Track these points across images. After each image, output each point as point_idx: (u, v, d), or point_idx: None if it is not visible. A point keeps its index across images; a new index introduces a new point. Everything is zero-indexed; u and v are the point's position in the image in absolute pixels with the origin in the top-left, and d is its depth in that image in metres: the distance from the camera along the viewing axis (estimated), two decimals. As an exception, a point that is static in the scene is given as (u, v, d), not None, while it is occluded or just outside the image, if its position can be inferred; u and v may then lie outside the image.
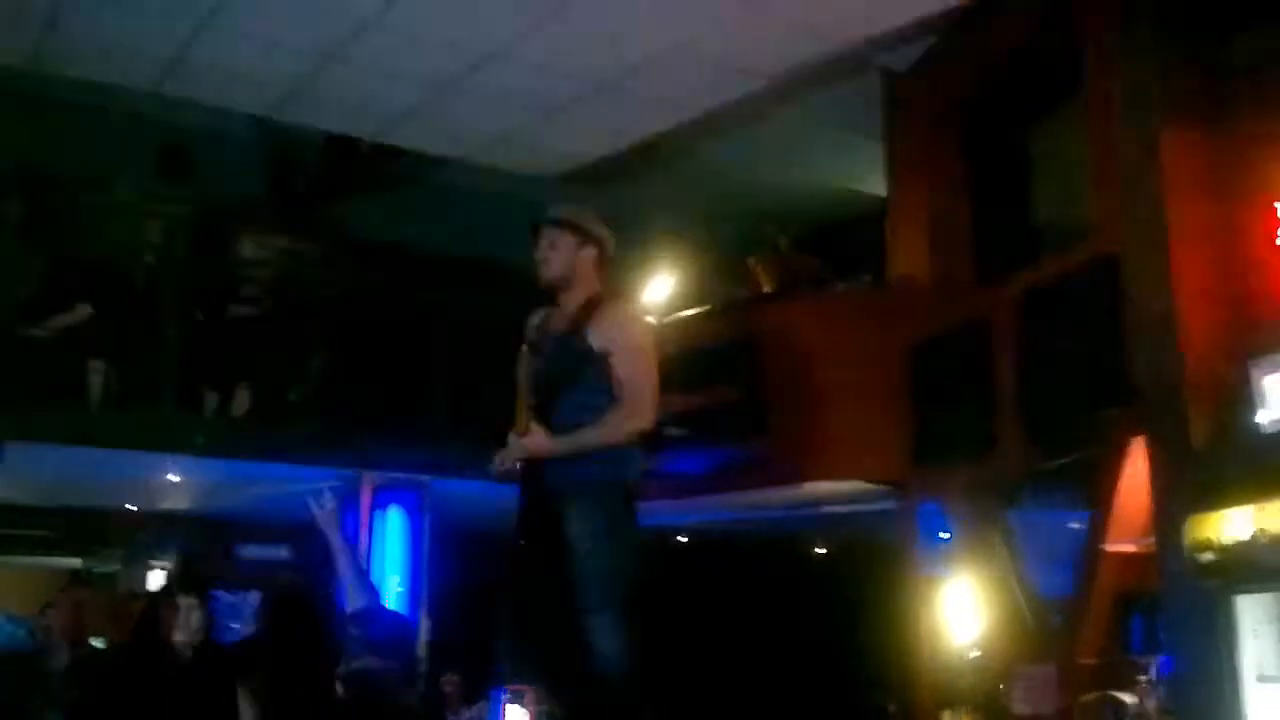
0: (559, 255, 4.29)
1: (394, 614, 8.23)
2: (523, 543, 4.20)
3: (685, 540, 11.27)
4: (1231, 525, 5.10)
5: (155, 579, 11.26)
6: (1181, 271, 5.53)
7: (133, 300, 8.55)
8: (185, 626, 4.85)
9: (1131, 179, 5.87)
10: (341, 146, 8.95)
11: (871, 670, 8.64)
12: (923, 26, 6.88)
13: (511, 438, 4.14)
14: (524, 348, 4.42)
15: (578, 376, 4.13)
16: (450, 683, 9.48)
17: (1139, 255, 5.74)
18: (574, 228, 4.32)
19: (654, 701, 4.13)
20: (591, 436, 4.05)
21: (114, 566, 11.42)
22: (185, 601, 4.93)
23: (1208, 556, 5.19)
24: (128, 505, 10.92)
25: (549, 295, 4.44)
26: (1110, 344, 5.80)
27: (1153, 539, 5.66)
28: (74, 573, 11.48)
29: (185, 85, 7.42)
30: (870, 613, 8.41)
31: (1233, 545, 5.10)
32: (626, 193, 8.49)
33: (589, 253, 4.33)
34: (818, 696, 10.54)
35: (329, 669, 4.45)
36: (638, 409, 4.09)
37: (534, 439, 4.07)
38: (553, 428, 4.07)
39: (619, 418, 4.07)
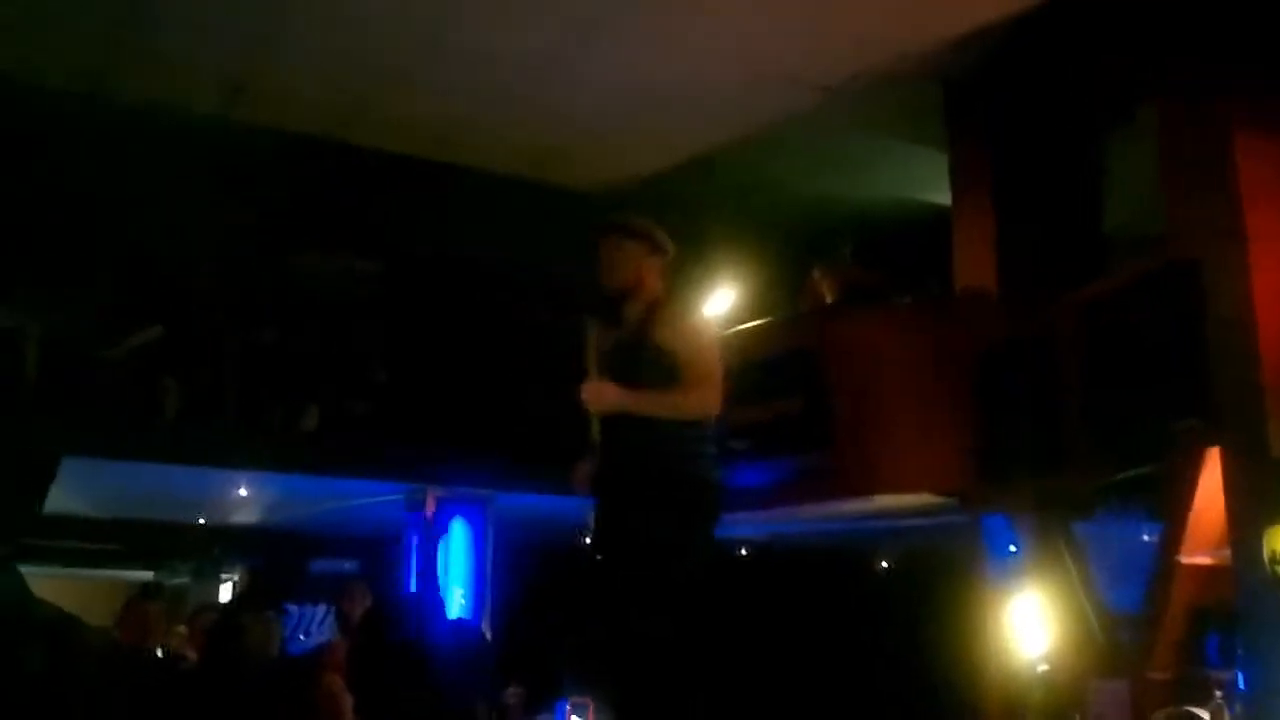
0: (626, 261, 4.31)
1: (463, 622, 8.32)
2: (598, 556, 4.20)
3: (747, 553, 11.22)
4: (1310, 537, 5.01)
5: (225, 592, 11.43)
6: (1259, 276, 5.45)
7: (201, 318, 8.70)
8: (266, 639, 4.91)
9: (1206, 184, 5.79)
10: (399, 163, 9.04)
11: (939, 686, 8.54)
12: (982, 35, 6.82)
13: (583, 389, 4.12)
14: (589, 355, 4.42)
15: (645, 378, 4.12)
16: (514, 695, 9.52)
17: (1215, 261, 5.66)
18: (640, 234, 4.35)
19: (715, 714, 4.11)
20: (656, 397, 4.02)
21: (184, 579, 11.60)
22: (265, 615, 5.00)
23: (1286, 568, 5.10)
24: (198, 519, 11.09)
25: (609, 305, 4.45)
26: (1185, 352, 5.72)
27: (1228, 550, 5.56)
28: (144, 585, 11.68)
29: (247, 110, 7.55)
30: (937, 627, 8.32)
31: (1312, 557, 5.00)
32: (685, 206, 8.50)
33: (654, 260, 4.35)
34: (884, 712, 10.44)
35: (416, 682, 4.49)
36: (704, 389, 4.07)
37: (604, 388, 4.08)
38: (622, 433, 4.07)
39: (682, 391, 4.05)
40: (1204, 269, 5.73)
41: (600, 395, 4.08)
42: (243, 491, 9.83)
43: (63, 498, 9.73)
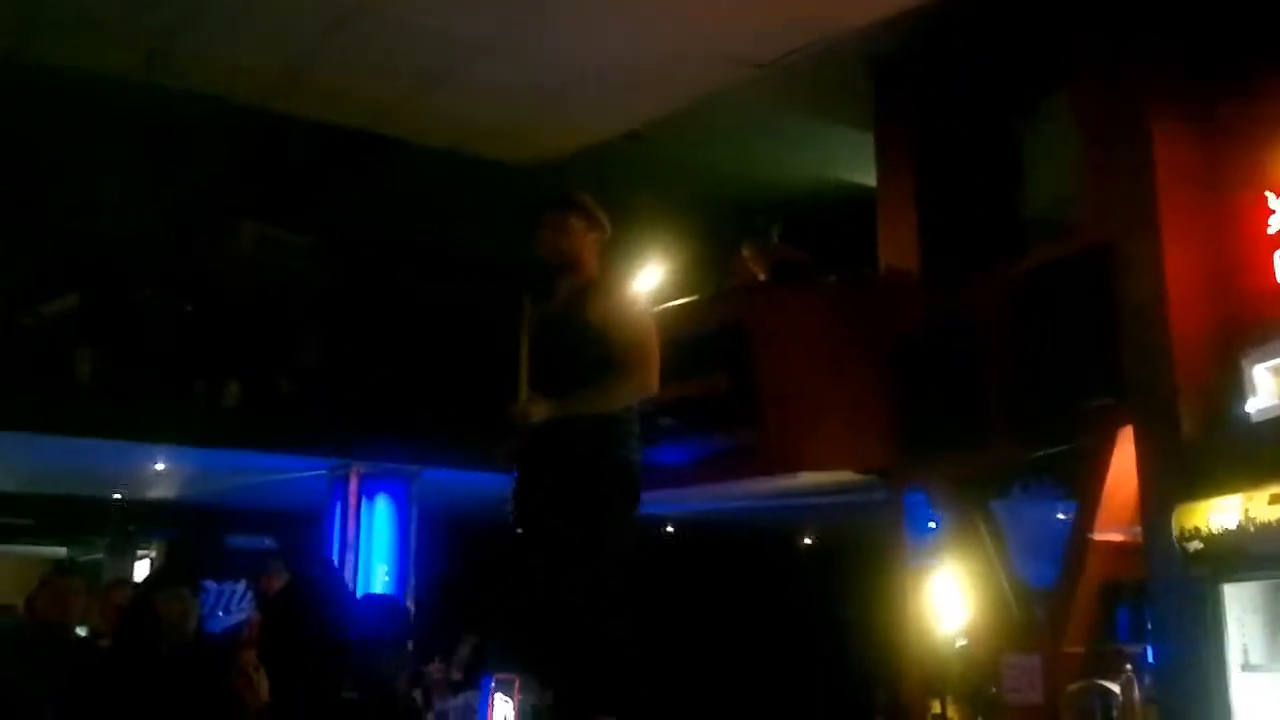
0: (567, 237, 4.29)
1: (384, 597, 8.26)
2: (520, 530, 4.18)
3: (672, 530, 11.28)
4: (1220, 514, 5.16)
5: (141, 568, 11.24)
6: (1172, 262, 5.57)
7: (121, 289, 8.51)
8: (183, 617, 4.82)
9: (1123, 170, 5.90)
10: (331, 138, 8.92)
11: (859, 660, 8.68)
12: (910, 17, 6.88)
13: (511, 409, 4.11)
14: (524, 333, 4.40)
15: (579, 352, 4.11)
16: (437, 670, 9.50)
17: (1130, 246, 5.78)
18: (583, 211, 4.34)
19: (643, 689, 4.13)
20: (594, 398, 4.02)
21: (99, 555, 11.39)
22: (181, 591, 4.91)
23: (1195, 545, 5.25)
24: (114, 494, 10.88)
25: (545, 281, 4.43)
26: (1100, 334, 5.84)
27: (1140, 528, 5.71)
28: (58, 561, 11.45)
29: (171, 75, 7.38)
30: (857, 603, 8.44)
31: (1220, 534, 5.15)
32: (616, 182, 8.49)
33: (594, 236, 4.34)
34: (805, 686, 10.58)
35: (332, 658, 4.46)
36: (637, 373, 4.06)
37: (533, 405, 4.06)
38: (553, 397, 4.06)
39: (617, 379, 4.04)
40: (1119, 252, 5.85)
41: (531, 412, 4.05)
42: (160, 466, 9.66)
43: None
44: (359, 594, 8.87)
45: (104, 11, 6.61)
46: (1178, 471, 5.43)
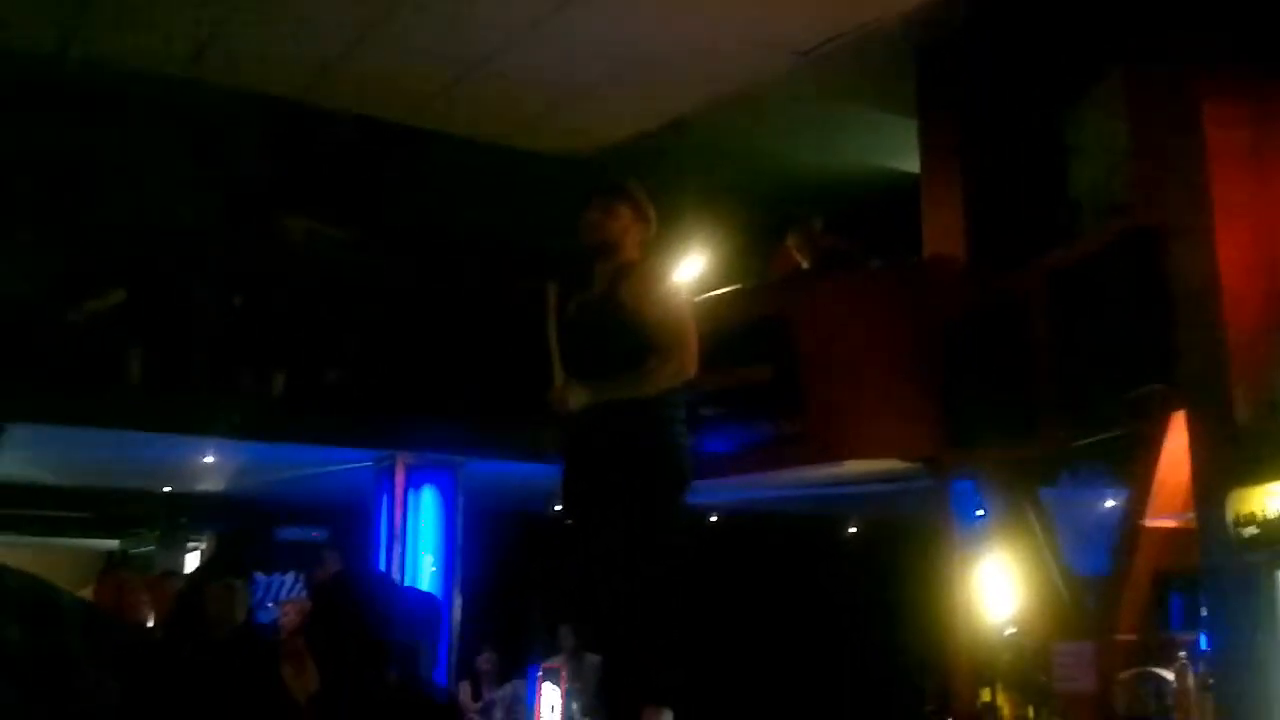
0: (614, 223, 4.28)
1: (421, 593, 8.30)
2: (570, 521, 4.19)
3: (716, 520, 11.26)
4: (1275, 499, 5.08)
5: (191, 560, 11.36)
6: (1224, 244, 5.49)
7: (167, 283, 8.60)
8: (231, 608, 4.88)
9: (1174, 153, 5.82)
10: (373, 129, 8.97)
11: (908, 648, 8.63)
12: (955, 2, 6.82)
13: (549, 396, 4.11)
14: (550, 317, 4.38)
15: (616, 337, 4.10)
16: (486, 660, 9.56)
17: (1181, 228, 5.70)
18: (633, 201, 4.33)
19: (693, 677, 4.13)
20: (633, 383, 4.00)
21: (150, 548, 11.52)
22: (230, 582, 4.96)
23: (1250, 531, 5.17)
24: (164, 487, 11.00)
25: (581, 266, 4.42)
26: (1151, 318, 5.77)
27: (1192, 514, 5.63)
28: (110, 554, 11.60)
29: (215, 70, 7.44)
30: (906, 592, 8.39)
31: (1276, 519, 5.07)
32: (658, 171, 8.48)
33: (639, 228, 4.33)
34: (854, 675, 10.54)
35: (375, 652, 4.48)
36: (675, 357, 4.04)
37: (570, 392, 4.05)
38: (591, 382, 4.05)
39: (654, 363, 4.02)
40: (1170, 235, 5.77)
41: (568, 399, 4.04)
42: (209, 459, 9.75)
43: (26, 465, 9.63)
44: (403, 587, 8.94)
45: (150, 8, 6.68)
46: (1232, 456, 5.36)
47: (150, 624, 6.43)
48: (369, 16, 6.69)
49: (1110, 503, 6.72)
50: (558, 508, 4.31)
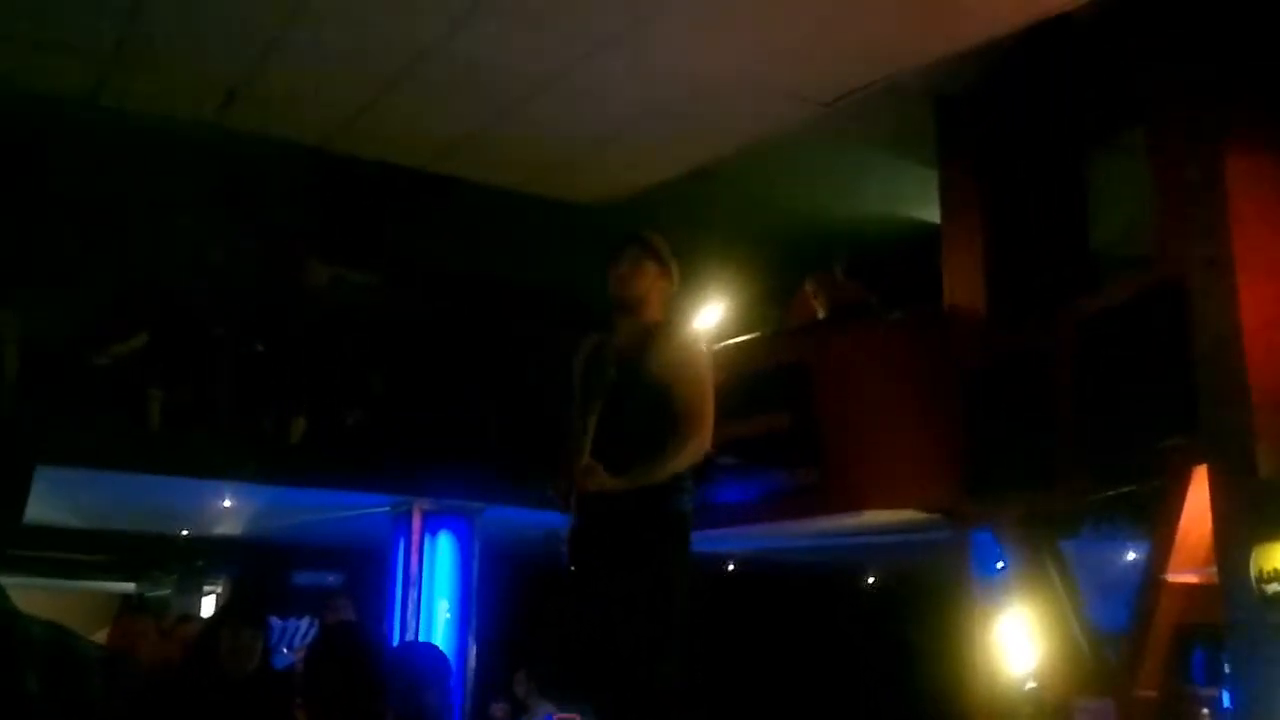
0: (640, 278, 4.29)
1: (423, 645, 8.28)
2: (573, 568, 4.18)
3: (733, 568, 11.20)
4: (1299, 556, 5.03)
5: (208, 604, 11.34)
6: (1247, 298, 5.47)
7: (191, 328, 8.65)
8: (246, 654, 4.86)
9: (1196, 206, 5.82)
10: (397, 174, 9.04)
11: (927, 702, 8.53)
12: (976, 54, 6.85)
13: (577, 471, 4.12)
14: (579, 373, 4.40)
15: (639, 403, 4.11)
16: (500, 710, 9.49)
17: (1204, 283, 5.69)
18: (658, 256, 4.34)
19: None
20: (651, 472, 4.02)
21: (166, 591, 11.51)
22: (246, 631, 4.94)
23: (1274, 587, 5.12)
24: (182, 530, 11.01)
25: (607, 319, 4.43)
26: (1173, 372, 5.74)
27: (1214, 569, 5.58)
28: (126, 597, 11.58)
29: (243, 118, 7.52)
30: (925, 643, 8.31)
31: (1300, 576, 5.02)
32: (679, 218, 8.51)
33: (664, 284, 4.34)
34: (870, 729, 10.42)
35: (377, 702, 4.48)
36: (694, 438, 4.06)
37: (595, 476, 4.06)
38: (611, 454, 4.05)
39: (677, 448, 4.04)
40: (1193, 290, 5.75)
41: (593, 483, 4.07)
42: (227, 503, 9.76)
43: (44, 507, 9.66)
44: (411, 638, 8.92)
45: (181, 55, 6.77)
46: (1255, 511, 5.31)
47: (167, 668, 6.41)
48: (395, 67, 6.75)
49: (1131, 556, 6.65)
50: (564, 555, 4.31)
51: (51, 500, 9.27)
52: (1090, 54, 6.66)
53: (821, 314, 7.97)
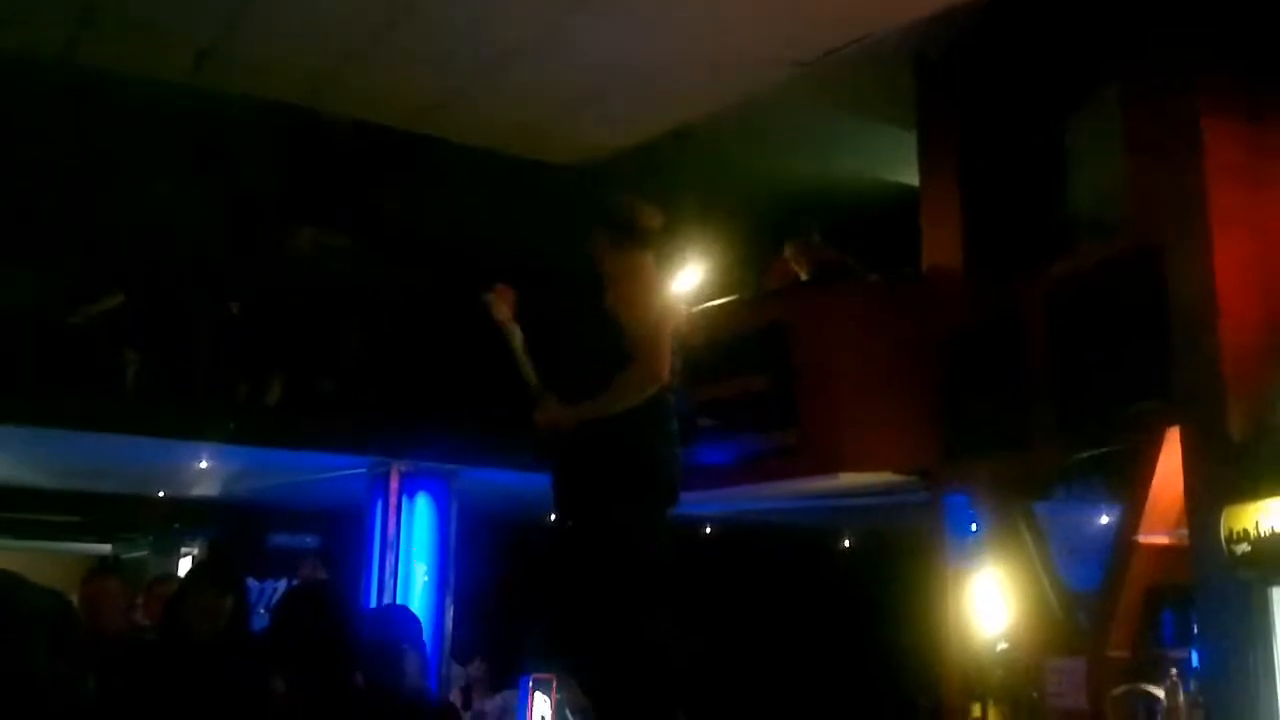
0: (596, 250, 4.31)
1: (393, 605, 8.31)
2: (559, 525, 4.18)
3: (711, 531, 11.26)
4: (1268, 516, 5.08)
5: (184, 565, 11.33)
6: (1221, 261, 5.49)
7: (165, 290, 8.59)
8: (212, 614, 4.84)
9: (1171, 168, 5.82)
10: (372, 136, 8.97)
11: (901, 663, 8.61)
12: (954, 15, 6.82)
13: (538, 415, 4.15)
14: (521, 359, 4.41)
15: (592, 339, 4.12)
16: (477, 669, 9.53)
17: (1178, 245, 5.71)
18: (606, 219, 4.34)
19: (683, 688, 4.11)
20: (601, 404, 4.00)
21: (142, 553, 11.50)
22: (211, 592, 4.92)
23: (1243, 548, 5.17)
24: (158, 492, 10.98)
25: (583, 281, 4.43)
26: (1148, 334, 5.77)
27: (1186, 531, 5.62)
28: (102, 559, 11.56)
29: (217, 77, 7.44)
30: (898, 605, 8.38)
31: (1269, 536, 5.07)
32: (658, 181, 8.48)
33: (609, 241, 4.33)
34: (846, 689, 10.51)
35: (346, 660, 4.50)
36: (642, 365, 4.03)
37: (546, 411, 4.08)
38: (569, 390, 4.07)
39: (624, 378, 4.02)
40: (1167, 252, 5.77)
41: (545, 417, 4.08)
42: (204, 464, 9.74)
43: (18, 468, 9.62)
44: (389, 599, 8.95)
45: (152, 15, 6.68)
46: (1225, 473, 5.35)
47: (135, 629, 6.39)
48: (372, 25, 6.69)
49: (1104, 518, 6.70)
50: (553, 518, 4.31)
51: (26, 461, 9.24)
52: (1069, 14, 6.64)
53: (803, 278, 7.97)
